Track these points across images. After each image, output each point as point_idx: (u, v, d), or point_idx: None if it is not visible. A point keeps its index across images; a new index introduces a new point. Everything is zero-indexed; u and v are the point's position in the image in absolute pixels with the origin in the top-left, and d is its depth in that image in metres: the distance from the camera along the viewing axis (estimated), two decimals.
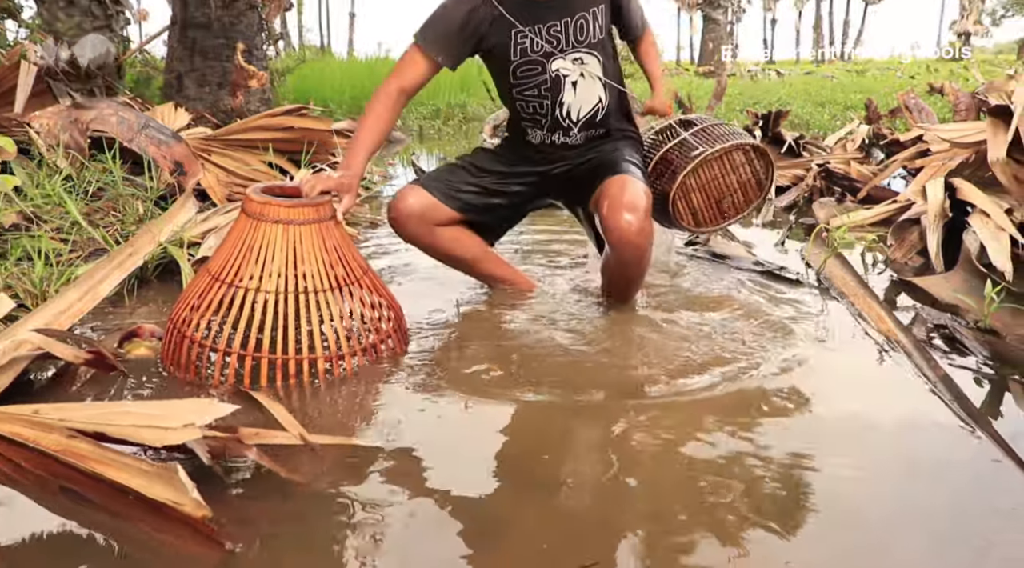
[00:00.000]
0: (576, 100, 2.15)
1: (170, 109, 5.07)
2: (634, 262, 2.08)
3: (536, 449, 1.48)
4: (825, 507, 1.27)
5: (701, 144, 2.28)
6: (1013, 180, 2.78)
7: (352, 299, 1.82)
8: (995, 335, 2.01)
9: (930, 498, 1.32)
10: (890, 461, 1.44)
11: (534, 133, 2.23)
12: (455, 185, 2.23)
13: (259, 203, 1.74)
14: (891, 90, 10.73)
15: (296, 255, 1.74)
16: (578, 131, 2.20)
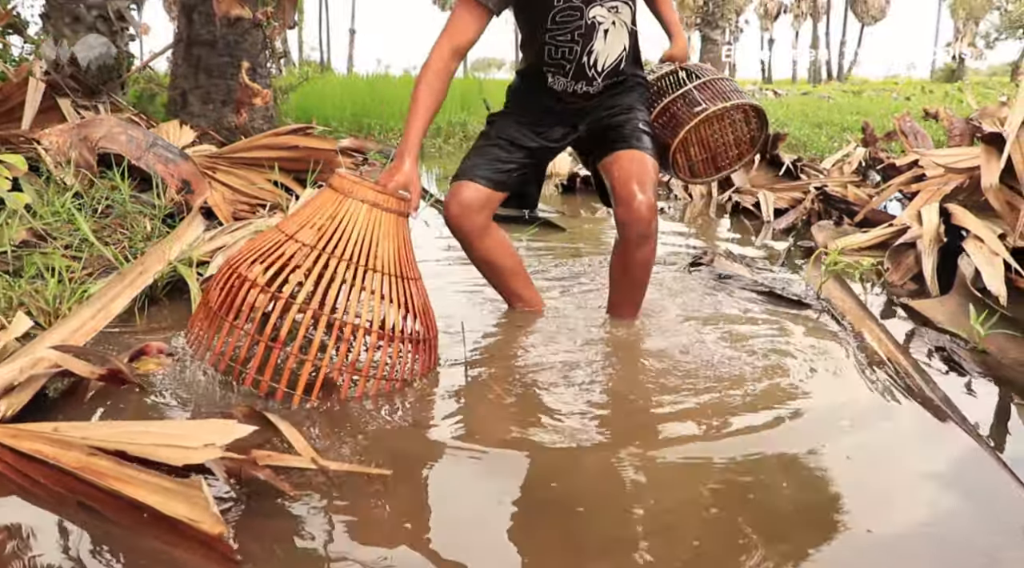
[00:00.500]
0: (605, 48, 2.16)
1: (175, 126, 5.14)
2: (642, 238, 2.17)
3: (546, 478, 1.51)
4: (830, 527, 1.31)
5: (705, 100, 2.33)
6: (1006, 206, 2.83)
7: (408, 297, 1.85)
8: (991, 357, 2.06)
9: (935, 517, 1.36)
10: (895, 481, 1.48)
11: (556, 80, 2.22)
12: (499, 168, 2.25)
13: (351, 181, 1.82)
14: (887, 112, 10.85)
15: (373, 235, 1.79)
16: (602, 80, 2.22)
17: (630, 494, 1.41)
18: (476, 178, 2.23)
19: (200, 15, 6.38)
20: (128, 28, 7.84)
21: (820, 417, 1.74)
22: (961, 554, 1.24)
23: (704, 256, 3.05)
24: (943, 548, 1.26)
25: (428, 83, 2.04)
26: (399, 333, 1.81)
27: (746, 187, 4.69)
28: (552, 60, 2.18)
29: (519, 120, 2.32)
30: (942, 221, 2.89)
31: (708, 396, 1.82)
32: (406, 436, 1.64)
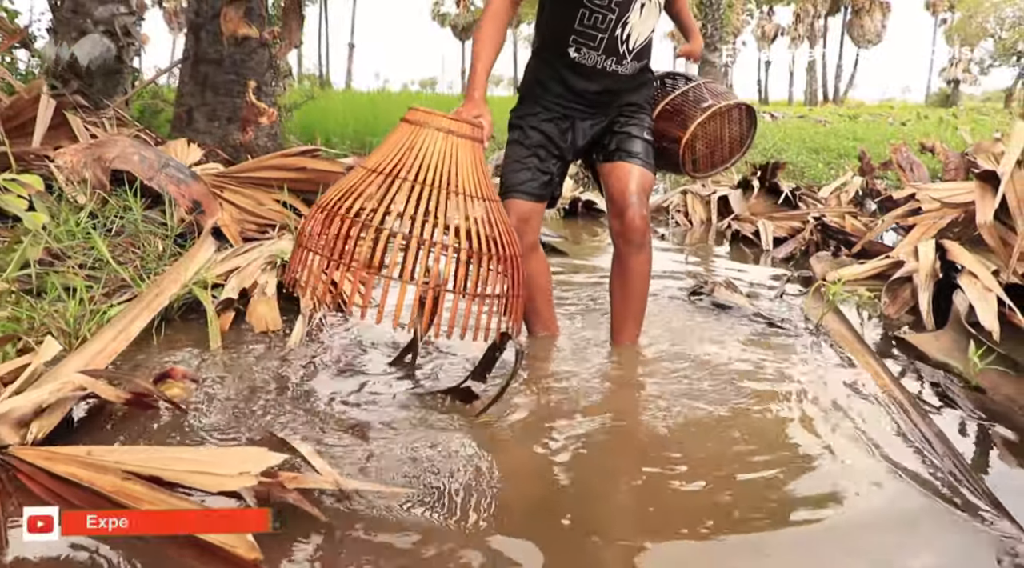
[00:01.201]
0: (639, 24, 2.20)
1: (183, 145, 5.20)
2: (637, 247, 2.30)
3: (563, 502, 1.57)
4: (828, 554, 1.37)
5: (711, 97, 2.44)
6: (1000, 242, 2.92)
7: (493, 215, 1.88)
8: (984, 393, 2.13)
9: (925, 550, 1.42)
10: (888, 514, 1.54)
11: (586, 54, 2.22)
12: (541, 180, 2.31)
13: (424, 112, 1.88)
14: (883, 138, 10.98)
15: (451, 161, 1.84)
16: (631, 60, 2.25)
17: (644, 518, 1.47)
18: (525, 193, 2.29)
19: (208, 34, 6.47)
20: (134, 43, 7.93)
21: (817, 450, 1.81)
22: None
23: (705, 286, 3.13)
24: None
25: (489, 27, 2.15)
26: (491, 249, 1.83)
27: (745, 215, 4.77)
28: (584, 28, 2.18)
29: (545, 117, 2.33)
30: (938, 256, 2.97)
31: (706, 431, 1.89)
32: (427, 455, 1.70)
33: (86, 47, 6.90)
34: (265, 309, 2.64)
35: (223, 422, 1.86)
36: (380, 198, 1.78)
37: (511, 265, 1.87)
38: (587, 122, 2.34)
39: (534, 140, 2.32)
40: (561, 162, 2.38)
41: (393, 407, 1.99)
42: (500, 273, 1.85)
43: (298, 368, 2.28)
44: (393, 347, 2.47)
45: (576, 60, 2.24)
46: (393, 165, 1.83)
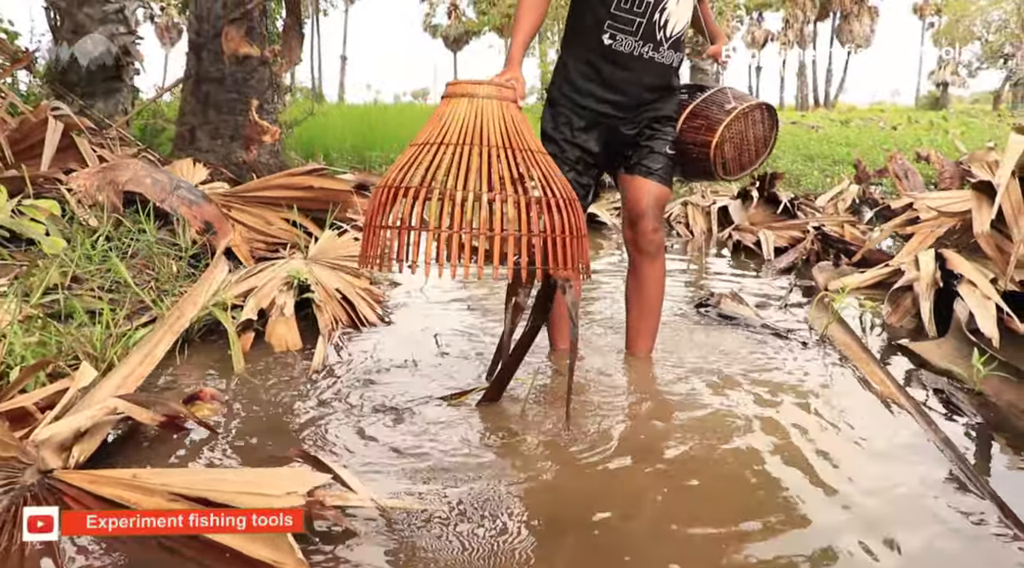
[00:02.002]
0: (676, 11, 2.23)
1: (188, 164, 5.27)
2: (650, 256, 2.40)
3: (596, 516, 1.64)
4: (836, 560, 1.43)
5: (734, 99, 2.49)
6: (997, 250, 2.99)
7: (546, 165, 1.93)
8: (987, 399, 2.20)
9: (934, 556, 1.49)
10: (898, 519, 1.61)
11: (623, 41, 2.24)
12: (580, 194, 2.32)
13: (451, 85, 1.97)
14: (876, 143, 11.10)
15: (479, 120, 1.90)
16: (667, 48, 2.28)
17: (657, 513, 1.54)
18: None
19: (209, 53, 6.54)
20: (133, 63, 8.00)
21: (825, 457, 1.87)
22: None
23: (711, 297, 3.20)
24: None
25: (530, 7, 2.22)
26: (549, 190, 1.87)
27: (745, 225, 4.85)
28: (622, 11, 2.21)
29: (580, 127, 2.35)
30: (937, 265, 3.04)
31: (715, 440, 1.95)
32: (457, 472, 1.76)
33: (87, 46, 6.96)
34: (284, 329, 2.70)
35: (254, 442, 1.92)
36: (428, 165, 1.86)
37: (563, 206, 1.89)
38: (619, 127, 2.36)
39: (572, 155, 2.36)
40: (597, 172, 2.46)
41: (420, 422, 2.04)
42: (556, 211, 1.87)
43: (322, 387, 2.34)
44: (412, 363, 2.53)
45: (612, 47, 2.26)
46: (432, 136, 1.91)
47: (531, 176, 1.89)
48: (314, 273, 3.09)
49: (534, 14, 2.23)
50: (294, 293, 2.91)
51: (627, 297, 2.54)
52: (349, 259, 3.54)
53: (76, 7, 7.32)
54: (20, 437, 1.67)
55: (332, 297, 3.01)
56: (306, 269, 3.08)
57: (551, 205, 1.86)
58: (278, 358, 2.60)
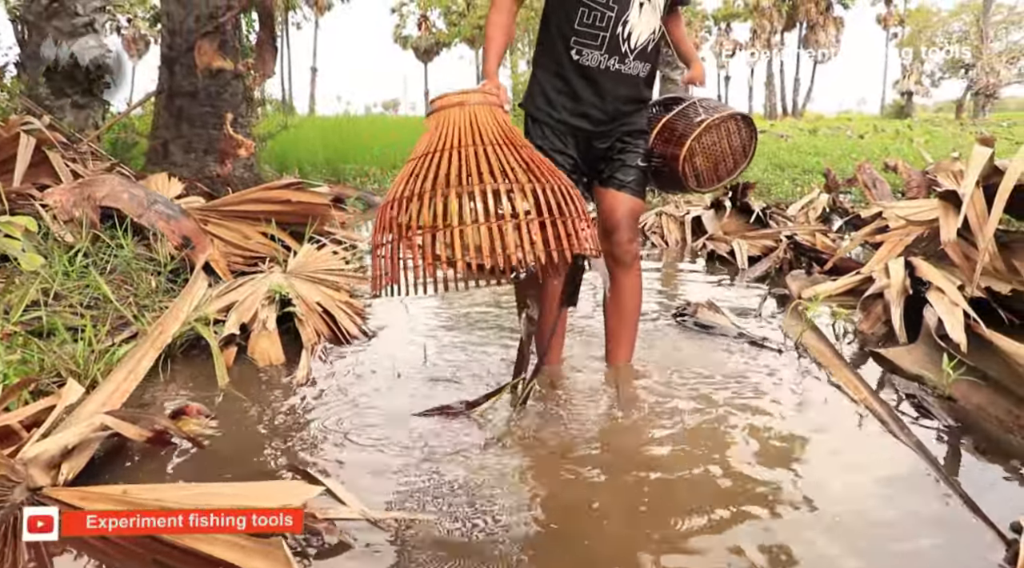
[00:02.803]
0: (639, 23, 2.27)
1: (163, 179, 5.24)
2: (626, 266, 2.44)
3: (580, 524, 1.67)
4: (814, 556, 1.48)
5: (704, 112, 2.51)
6: (963, 257, 3.08)
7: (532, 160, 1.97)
8: (956, 403, 2.26)
9: (905, 555, 1.54)
10: (871, 519, 1.66)
11: (590, 55, 2.30)
12: None
13: (439, 98, 2.05)
14: (844, 152, 11.29)
15: (475, 123, 1.97)
16: (633, 59, 2.32)
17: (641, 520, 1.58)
18: None
19: (182, 67, 6.51)
20: (104, 76, 7.94)
21: (803, 462, 1.92)
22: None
23: (688, 307, 3.25)
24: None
25: (495, 22, 2.31)
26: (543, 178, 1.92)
27: (719, 234, 4.93)
28: (584, 27, 2.27)
29: (560, 142, 2.40)
30: (907, 273, 3.12)
31: (695, 447, 2.00)
32: (444, 483, 1.78)
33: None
34: (267, 344, 2.71)
35: (242, 456, 1.94)
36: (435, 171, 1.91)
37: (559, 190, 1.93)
38: (592, 141, 2.41)
39: (562, 165, 2.37)
40: (587, 180, 2.49)
41: (407, 435, 2.07)
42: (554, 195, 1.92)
43: (307, 400, 2.35)
44: (397, 375, 2.56)
45: (579, 62, 2.32)
46: (432, 146, 1.97)
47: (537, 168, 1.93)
48: (295, 287, 3.10)
49: (502, 35, 2.32)
50: (276, 307, 2.92)
51: (605, 307, 2.59)
52: (329, 272, 3.56)
53: (44, 20, 7.26)
54: (7, 455, 1.67)
55: (313, 311, 3.02)
56: (286, 283, 3.09)
57: (562, 192, 1.92)
58: (262, 373, 2.61)
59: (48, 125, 6.21)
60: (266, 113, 11.09)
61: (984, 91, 37.83)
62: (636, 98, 2.43)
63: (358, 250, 4.58)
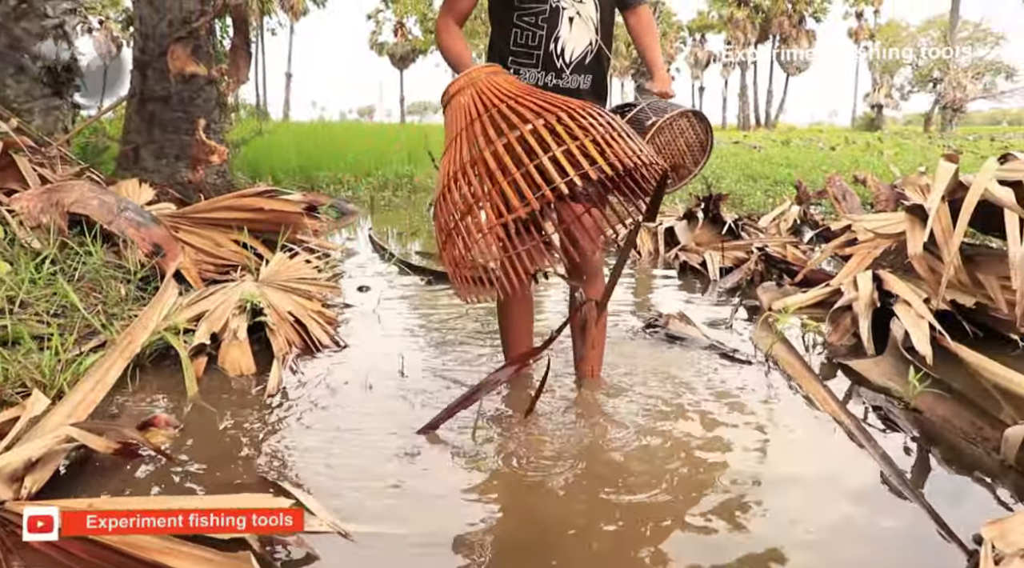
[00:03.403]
0: (571, 38, 2.29)
1: (135, 185, 5.19)
2: (591, 275, 2.43)
3: (547, 536, 1.67)
4: (776, 564, 1.50)
5: (652, 116, 2.50)
6: (929, 271, 3.13)
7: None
8: (921, 415, 2.30)
9: (870, 563, 1.56)
10: (839, 530, 1.68)
11: (527, 73, 2.32)
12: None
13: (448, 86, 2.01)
14: (815, 164, 11.43)
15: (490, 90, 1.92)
16: (570, 73, 2.33)
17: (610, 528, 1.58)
18: None
19: (154, 71, 6.46)
20: (74, 79, 7.84)
21: (771, 472, 1.94)
22: None
23: (660, 318, 3.27)
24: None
25: (447, 40, 2.32)
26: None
27: (691, 246, 4.97)
28: (519, 47, 2.31)
29: None
30: (875, 286, 3.17)
31: (665, 457, 2.01)
32: (416, 495, 1.78)
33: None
34: (238, 354, 2.69)
35: (211, 468, 1.92)
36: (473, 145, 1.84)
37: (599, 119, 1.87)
38: None
39: None
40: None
41: (378, 446, 2.06)
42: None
43: (278, 411, 2.34)
44: (368, 385, 2.55)
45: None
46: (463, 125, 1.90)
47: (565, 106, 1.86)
48: (266, 296, 3.08)
49: (457, 45, 2.32)
50: (247, 316, 2.90)
51: (572, 322, 2.55)
52: (301, 281, 3.54)
53: (12, 21, 7.16)
54: None
55: (285, 320, 3.00)
56: (258, 292, 3.07)
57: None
58: (232, 382, 2.59)
59: (15, 128, 6.13)
60: (240, 119, 11.01)
61: (951, 105, 38.51)
62: None
63: (331, 259, 4.56)
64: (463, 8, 2.35)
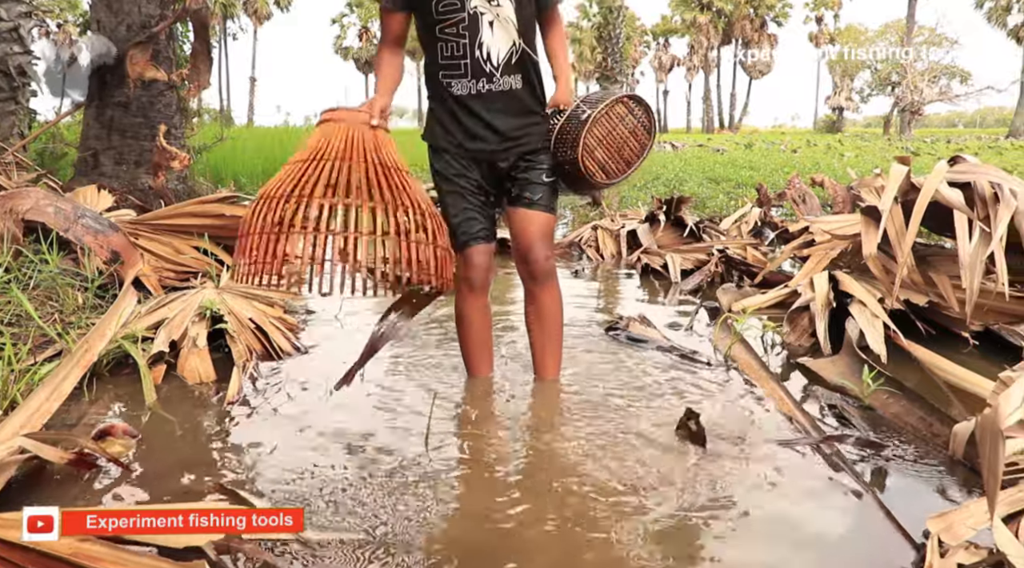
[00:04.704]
0: (494, 40, 2.31)
1: (93, 191, 5.12)
2: (544, 282, 2.48)
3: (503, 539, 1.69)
4: (728, 558, 1.53)
5: (587, 109, 2.49)
6: (883, 271, 3.19)
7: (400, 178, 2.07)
8: (876, 412, 2.35)
9: (824, 556, 1.60)
10: (791, 525, 1.71)
11: (459, 84, 2.34)
12: (488, 225, 2.46)
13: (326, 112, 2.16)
14: (776, 166, 11.59)
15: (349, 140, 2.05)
16: (500, 75, 2.34)
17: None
18: (483, 239, 2.43)
19: (113, 76, 6.37)
20: (30, 84, 7.72)
21: (726, 473, 1.97)
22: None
23: (620, 321, 3.30)
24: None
25: (384, 66, 2.43)
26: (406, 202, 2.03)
27: (653, 248, 5.01)
28: (447, 59, 2.33)
29: (464, 164, 2.42)
30: (831, 286, 3.23)
31: (624, 462, 2.04)
32: (375, 500, 1.78)
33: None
34: (197, 361, 2.67)
35: (168, 477, 1.90)
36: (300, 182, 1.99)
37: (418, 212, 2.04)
38: (495, 162, 2.43)
39: (467, 187, 2.42)
40: (495, 200, 2.51)
41: (335, 452, 2.06)
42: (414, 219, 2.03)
43: (237, 418, 2.32)
44: (326, 391, 2.54)
45: (454, 92, 2.36)
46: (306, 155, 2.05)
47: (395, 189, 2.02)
48: (227, 303, 3.05)
49: (391, 73, 2.42)
50: (207, 323, 2.88)
51: (529, 325, 2.59)
52: (263, 288, 3.51)
53: None
54: None
55: (246, 327, 2.98)
56: (218, 299, 3.05)
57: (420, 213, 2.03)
58: (191, 391, 2.57)
59: None
60: (203, 123, 10.90)
61: (909, 108, 39.27)
62: (522, 110, 2.42)
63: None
64: (395, 33, 2.43)
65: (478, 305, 2.50)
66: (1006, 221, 2.80)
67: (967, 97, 41.66)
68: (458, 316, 2.55)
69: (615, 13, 23.51)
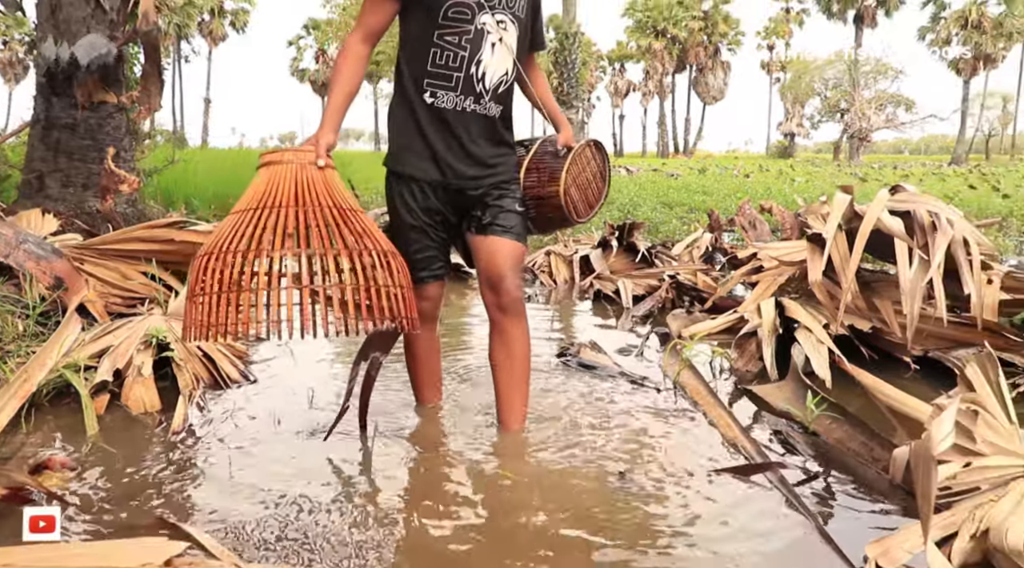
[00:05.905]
0: (492, 62, 2.23)
1: (37, 215, 5.02)
2: (513, 316, 2.36)
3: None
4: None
5: (558, 147, 2.49)
6: (828, 297, 3.27)
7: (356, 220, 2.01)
8: (819, 438, 2.39)
9: None
10: (734, 548, 1.73)
11: (445, 97, 2.23)
12: (442, 260, 2.42)
13: (267, 154, 2.08)
14: (730, 191, 11.79)
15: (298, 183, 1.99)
16: (488, 100, 2.26)
17: None
18: (435, 275, 2.40)
19: (60, 97, 6.27)
20: None
21: (676, 496, 1.99)
22: None
23: (571, 347, 3.32)
24: None
25: (347, 64, 2.23)
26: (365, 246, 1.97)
27: (606, 274, 5.06)
28: (437, 68, 2.21)
29: (427, 192, 2.32)
30: (777, 313, 3.29)
31: (580, 486, 2.05)
32: (320, 531, 1.76)
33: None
34: (142, 390, 2.62)
35: (108, 511, 1.86)
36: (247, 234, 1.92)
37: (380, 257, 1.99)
38: (464, 190, 2.32)
39: (431, 223, 2.35)
40: (453, 231, 2.42)
41: (281, 483, 2.03)
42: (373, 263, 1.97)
43: (182, 449, 2.28)
44: (276, 421, 2.51)
45: (433, 105, 2.24)
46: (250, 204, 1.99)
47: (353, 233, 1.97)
48: (174, 330, 3.01)
49: (350, 79, 2.24)
50: (152, 351, 2.83)
51: (494, 362, 2.43)
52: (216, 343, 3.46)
53: None
54: None
55: (193, 355, 2.94)
56: (166, 326, 3.00)
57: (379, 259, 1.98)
58: (135, 421, 2.52)
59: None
60: (155, 145, 10.74)
61: (858, 134, 40.32)
62: (497, 140, 2.36)
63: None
64: (375, 25, 2.24)
65: (427, 335, 2.49)
66: (943, 249, 2.89)
67: (912, 125, 42.95)
68: (407, 346, 2.54)
69: (571, 39, 23.78)
